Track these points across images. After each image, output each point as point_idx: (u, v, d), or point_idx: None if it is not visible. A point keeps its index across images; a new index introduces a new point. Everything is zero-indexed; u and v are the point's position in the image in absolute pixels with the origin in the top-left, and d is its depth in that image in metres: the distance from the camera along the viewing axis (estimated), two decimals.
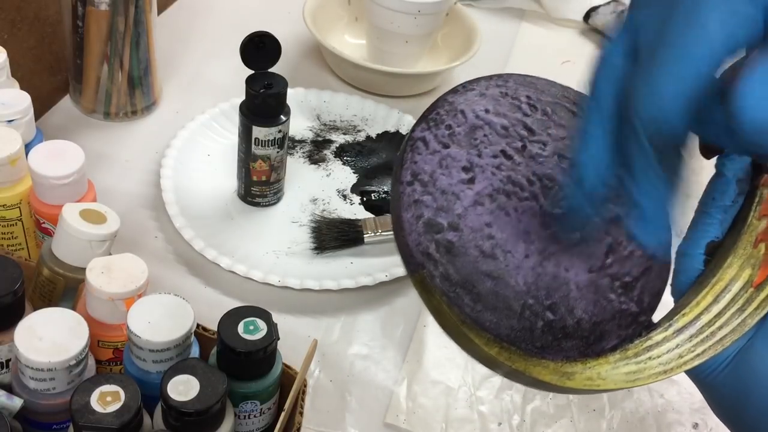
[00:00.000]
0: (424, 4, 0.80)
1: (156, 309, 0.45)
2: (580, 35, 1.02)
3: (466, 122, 0.39)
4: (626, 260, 0.39)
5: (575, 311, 0.37)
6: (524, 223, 0.37)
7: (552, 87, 0.41)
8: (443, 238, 0.36)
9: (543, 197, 0.38)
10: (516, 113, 0.39)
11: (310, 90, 0.81)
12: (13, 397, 0.42)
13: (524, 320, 0.37)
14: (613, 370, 0.39)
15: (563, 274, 0.37)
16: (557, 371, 0.38)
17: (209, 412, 0.41)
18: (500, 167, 0.38)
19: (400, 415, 0.57)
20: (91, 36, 0.69)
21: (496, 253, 0.36)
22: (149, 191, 0.69)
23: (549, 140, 0.39)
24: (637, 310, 0.39)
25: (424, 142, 0.38)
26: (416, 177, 0.37)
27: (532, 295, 0.37)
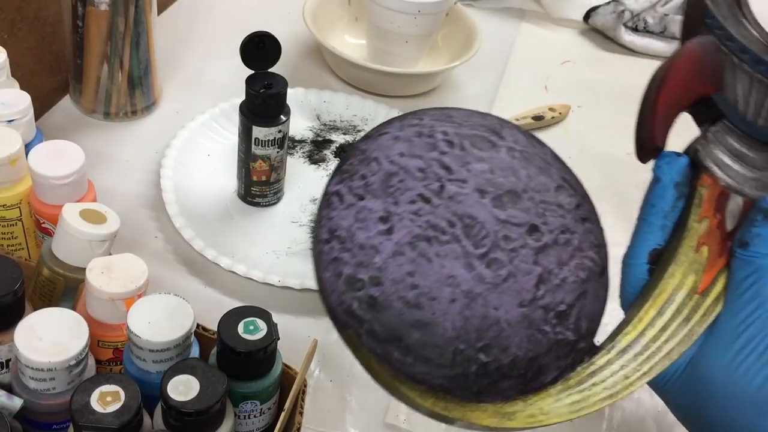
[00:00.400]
0: (424, 4, 0.80)
1: (156, 309, 0.45)
2: (580, 35, 1.02)
3: (380, 170, 0.37)
4: (558, 289, 0.37)
5: (509, 349, 0.36)
6: (448, 267, 0.36)
7: (471, 117, 0.40)
8: (365, 295, 0.35)
9: (465, 237, 0.36)
10: (432, 152, 0.38)
11: (310, 90, 0.81)
12: (13, 397, 0.42)
13: (457, 367, 0.36)
14: (556, 402, 0.38)
15: (493, 314, 0.36)
16: (497, 413, 0.37)
17: (209, 412, 0.41)
18: (418, 212, 0.36)
19: (400, 415, 0.57)
20: (91, 36, 0.69)
21: (421, 301, 0.35)
22: (149, 191, 0.69)
23: (468, 176, 0.37)
24: (574, 338, 0.38)
25: (338, 196, 0.37)
26: (333, 234, 0.36)
27: (462, 339, 0.35)
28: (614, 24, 0.98)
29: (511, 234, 0.37)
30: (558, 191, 0.39)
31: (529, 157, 0.39)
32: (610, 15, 0.99)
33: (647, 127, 0.41)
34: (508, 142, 0.39)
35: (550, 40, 1.01)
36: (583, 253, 0.38)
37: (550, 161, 0.40)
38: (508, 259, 0.36)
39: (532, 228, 0.37)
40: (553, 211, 0.38)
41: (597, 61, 0.98)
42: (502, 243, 0.36)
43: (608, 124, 0.84)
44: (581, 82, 0.92)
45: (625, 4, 0.99)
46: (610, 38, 1.00)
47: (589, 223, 0.39)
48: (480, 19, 0.90)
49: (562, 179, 0.40)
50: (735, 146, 0.41)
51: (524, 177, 0.38)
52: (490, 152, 0.38)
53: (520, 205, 0.37)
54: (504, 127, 0.40)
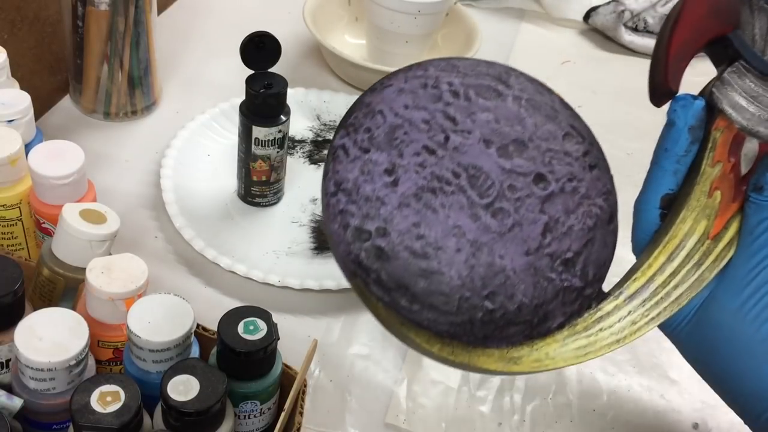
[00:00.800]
0: (424, 4, 0.80)
1: (156, 309, 0.45)
2: (580, 35, 1.02)
3: (385, 122, 0.38)
4: (565, 236, 0.38)
5: (515, 297, 0.37)
6: (453, 217, 0.36)
7: (477, 66, 0.40)
8: (372, 245, 0.36)
9: (470, 188, 0.37)
10: (437, 103, 0.38)
11: (310, 90, 0.81)
12: (13, 397, 0.42)
13: (462, 314, 0.36)
14: (562, 347, 0.39)
15: (498, 262, 0.36)
16: (503, 358, 0.38)
17: (209, 412, 0.41)
18: (423, 164, 0.37)
19: (400, 415, 0.57)
20: (91, 36, 0.69)
21: (427, 251, 0.36)
22: (149, 191, 0.69)
23: (473, 127, 0.38)
24: (581, 284, 0.38)
25: (344, 149, 0.37)
26: (339, 187, 0.37)
27: (467, 287, 0.36)
28: (614, 24, 0.98)
29: (516, 183, 0.37)
30: (565, 139, 0.39)
31: (537, 105, 0.39)
32: (610, 15, 0.99)
33: (661, 69, 0.41)
34: (515, 91, 0.39)
35: (550, 40, 1.01)
36: (591, 200, 0.39)
37: (557, 109, 0.40)
38: (513, 208, 0.37)
39: (538, 177, 0.38)
40: (559, 159, 0.38)
41: (597, 61, 0.98)
42: (507, 193, 0.37)
43: (608, 124, 0.84)
44: (581, 82, 0.92)
45: (625, 4, 0.99)
46: (610, 38, 1.00)
47: (597, 170, 0.39)
48: (480, 19, 0.90)
49: (569, 126, 0.40)
50: (751, 87, 0.40)
51: (530, 126, 0.39)
52: (495, 101, 0.39)
53: (525, 155, 0.38)
54: (511, 75, 0.40)
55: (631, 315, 0.40)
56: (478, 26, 0.88)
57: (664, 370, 0.62)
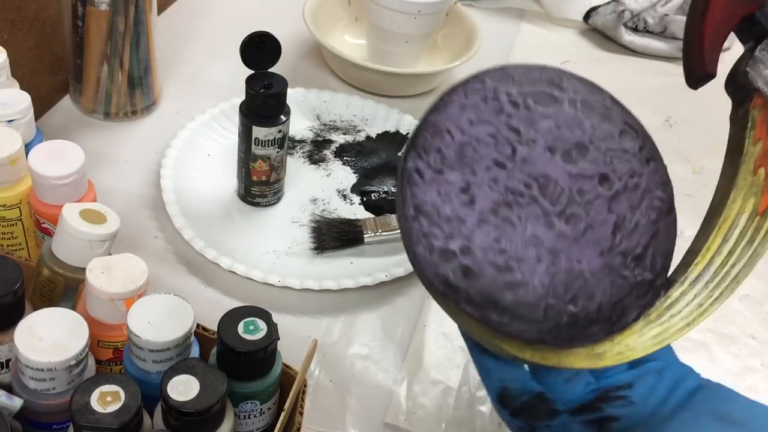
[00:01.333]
0: (424, 4, 0.80)
1: (156, 309, 0.45)
2: (580, 35, 1.02)
3: (453, 141, 0.39)
4: (633, 233, 0.40)
5: (595, 297, 0.38)
6: (530, 228, 0.38)
7: (530, 72, 0.41)
8: (458, 265, 0.37)
9: (542, 197, 0.39)
10: (500, 116, 0.40)
11: (310, 90, 0.81)
12: (13, 397, 0.42)
13: (549, 320, 0.38)
14: (640, 338, 0.40)
15: (577, 267, 0.38)
16: (588, 355, 0.40)
17: (209, 412, 0.41)
18: (496, 179, 0.38)
19: (400, 415, 0.57)
20: (91, 36, 0.69)
21: (511, 264, 0.37)
22: (149, 191, 0.69)
23: (537, 136, 0.39)
24: (652, 276, 0.40)
25: (418, 172, 0.38)
26: (419, 210, 0.38)
27: (551, 295, 0.38)
28: (614, 24, 0.98)
29: (584, 187, 0.39)
30: (621, 136, 0.41)
31: (591, 105, 0.41)
32: (610, 15, 0.99)
33: (697, 53, 0.42)
34: (569, 94, 0.41)
35: (550, 40, 1.01)
36: (652, 193, 0.40)
37: (610, 106, 0.42)
38: (584, 212, 0.39)
39: (603, 177, 0.40)
40: (619, 157, 0.40)
41: (597, 61, 0.98)
42: (577, 197, 0.39)
43: None
44: None
45: (625, 4, 0.99)
46: (610, 38, 1.00)
47: (653, 162, 0.41)
48: (480, 19, 0.90)
49: (624, 123, 0.41)
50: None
51: (589, 127, 0.40)
52: (553, 107, 0.40)
53: (588, 157, 0.40)
54: (563, 78, 0.41)
55: (697, 298, 0.41)
56: (478, 26, 0.88)
57: None
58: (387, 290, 0.65)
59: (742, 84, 0.42)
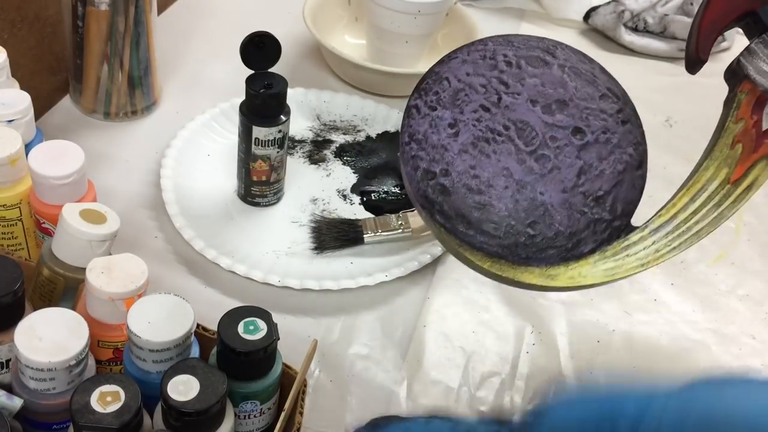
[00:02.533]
0: (424, 4, 0.80)
1: (156, 309, 0.45)
2: (580, 35, 1.02)
3: (450, 87, 0.47)
4: (597, 178, 0.46)
5: (552, 225, 0.45)
6: (502, 161, 0.45)
7: (529, 41, 0.48)
8: (437, 183, 0.45)
9: (518, 138, 0.46)
10: (493, 71, 0.47)
11: (310, 90, 0.81)
12: (13, 397, 0.42)
13: (509, 238, 0.45)
14: (593, 268, 0.46)
15: (539, 198, 0.45)
16: (542, 274, 0.45)
17: (209, 412, 0.41)
18: (480, 119, 0.46)
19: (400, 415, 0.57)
20: (91, 36, 0.69)
21: (481, 188, 0.45)
22: (149, 191, 0.69)
23: (522, 89, 0.46)
24: (610, 217, 0.46)
25: (416, 108, 0.46)
26: (412, 137, 0.46)
27: (513, 217, 0.45)
28: (614, 24, 0.98)
29: (557, 135, 0.46)
30: (602, 99, 0.47)
31: (578, 71, 0.47)
32: (610, 15, 0.99)
33: (693, 41, 0.47)
34: (560, 60, 0.48)
35: None
36: (622, 149, 0.46)
37: (597, 75, 0.48)
38: (554, 155, 0.45)
39: (576, 130, 0.46)
40: (596, 115, 0.46)
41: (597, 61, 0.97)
42: (549, 142, 0.46)
43: None
44: None
45: (625, 4, 0.99)
46: (610, 38, 1.00)
47: (629, 124, 0.47)
48: (480, 19, 0.90)
49: (606, 89, 0.47)
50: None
51: (572, 88, 0.47)
52: (543, 69, 0.47)
53: (566, 112, 0.46)
54: (558, 48, 0.48)
55: (655, 244, 0.46)
56: (478, 26, 0.88)
57: (664, 370, 0.62)
58: (387, 290, 0.65)
59: (735, 71, 0.47)
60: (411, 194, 0.46)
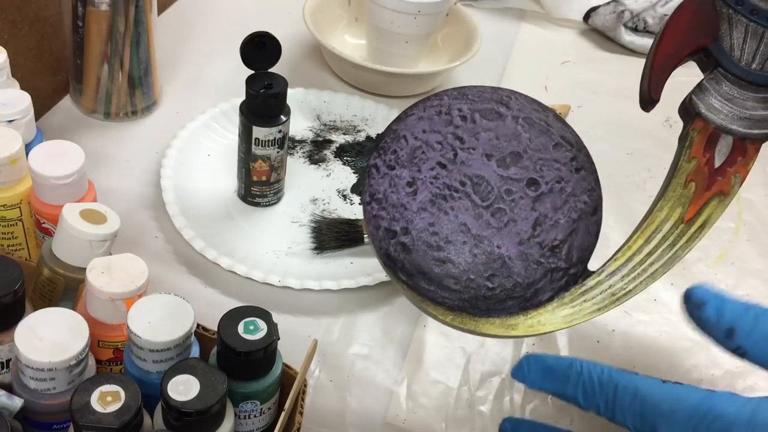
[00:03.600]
0: (424, 5, 0.80)
1: (156, 309, 0.45)
2: (580, 35, 1.02)
3: (407, 145, 0.47)
4: (552, 228, 0.46)
5: (511, 277, 0.46)
6: (460, 217, 0.46)
7: (483, 93, 0.49)
8: (398, 241, 0.46)
9: (474, 193, 0.46)
10: (448, 127, 0.47)
11: (310, 90, 0.81)
12: (14, 397, 0.42)
13: (469, 291, 0.46)
14: (552, 315, 0.46)
15: (497, 251, 0.46)
16: (503, 325, 0.46)
17: (209, 412, 0.41)
18: (437, 176, 0.47)
19: (400, 415, 0.57)
20: (92, 36, 0.69)
21: (441, 245, 0.46)
22: (149, 191, 0.69)
23: (477, 144, 0.47)
24: (566, 265, 0.46)
25: (376, 168, 0.47)
26: (373, 197, 0.46)
27: (472, 271, 0.46)
28: (614, 24, 0.98)
29: (512, 188, 0.46)
30: (555, 148, 0.47)
31: (532, 122, 0.48)
32: (610, 15, 0.99)
33: (645, 80, 0.47)
34: (514, 111, 0.48)
35: (550, 40, 1.01)
36: (576, 197, 0.47)
37: (550, 123, 0.48)
38: (509, 208, 0.46)
39: (531, 181, 0.47)
40: (549, 165, 0.47)
41: (597, 61, 0.98)
42: (504, 195, 0.46)
43: (608, 124, 0.84)
44: (581, 82, 0.92)
45: (625, 4, 0.99)
46: (610, 38, 1.00)
47: (583, 171, 0.47)
48: (480, 19, 0.90)
49: (560, 137, 0.48)
50: (727, 91, 0.47)
51: (525, 140, 0.47)
52: (496, 122, 0.48)
53: (520, 164, 0.47)
54: (512, 98, 0.49)
55: (611, 288, 0.47)
56: (478, 26, 0.88)
57: (664, 371, 0.62)
58: (387, 290, 0.65)
59: (687, 108, 0.48)
60: (375, 252, 0.46)
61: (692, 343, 0.65)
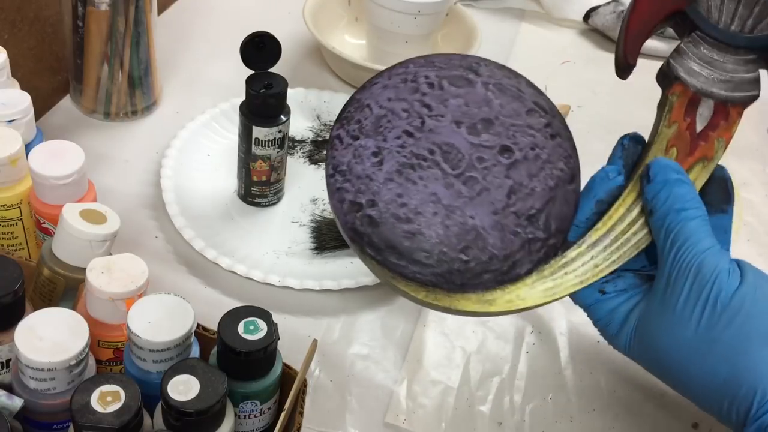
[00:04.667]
0: (424, 4, 0.80)
1: (156, 309, 0.45)
2: (580, 35, 1.02)
3: (372, 114, 0.45)
4: (528, 197, 0.44)
5: (486, 249, 0.43)
6: (430, 187, 0.43)
7: (451, 60, 0.46)
8: (364, 214, 0.43)
9: (444, 162, 0.44)
10: (415, 95, 0.45)
11: (310, 90, 0.81)
12: (14, 397, 0.42)
13: (442, 265, 0.43)
14: (531, 290, 0.44)
15: (470, 222, 0.43)
16: (479, 300, 0.44)
17: (209, 412, 0.41)
18: (404, 145, 0.44)
19: (400, 415, 0.57)
20: (92, 36, 0.69)
21: (410, 216, 0.43)
22: (149, 191, 0.69)
23: (446, 111, 0.45)
24: (544, 236, 0.44)
25: (339, 139, 0.45)
26: (336, 169, 0.44)
27: (445, 244, 0.43)
28: (614, 24, 0.98)
29: (484, 155, 0.44)
30: (529, 114, 0.45)
31: (503, 88, 0.46)
32: (610, 15, 0.99)
33: (621, 46, 0.46)
34: (484, 78, 0.46)
35: (550, 40, 1.01)
36: (553, 164, 0.45)
37: (523, 90, 0.46)
38: (481, 176, 0.44)
39: (504, 148, 0.44)
40: (523, 131, 0.45)
41: (597, 61, 0.98)
42: (476, 163, 0.44)
43: (608, 124, 0.84)
44: (581, 82, 0.92)
45: (624, 4, 0.99)
46: (610, 38, 1.00)
47: (559, 138, 0.45)
48: (480, 19, 0.90)
49: (533, 103, 0.46)
50: (705, 54, 0.45)
51: (497, 106, 0.45)
52: (466, 88, 0.45)
53: (492, 130, 0.45)
54: (481, 65, 0.46)
55: (593, 260, 0.45)
56: (478, 26, 0.88)
57: None
58: (387, 290, 0.65)
59: (665, 73, 0.46)
60: (340, 227, 0.44)
61: None
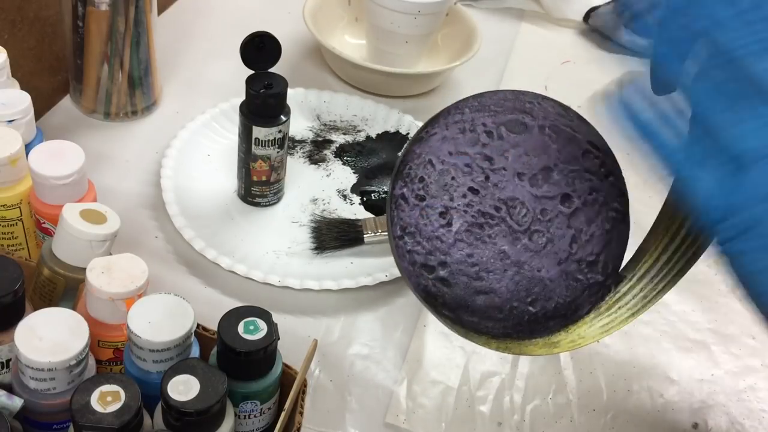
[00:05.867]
0: (424, 5, 0.80)
1: (156, 309, 0.45)
2: (580, 35, 1.02)
3: (434, 170, 0.45)
4: (588, 243, 0.46)
5: (552, 299, 0.45)
6: (498, 244, 0.45)
7: (505, 101, 0.46)
8: (437, 276, 0.45)
9: (510, 218, 0.45)
10: (475, 146, 0.46)
11: (310, 90, 0.81)
12: (14, 397, 0.42)
13: (513, 318, 0.45)
14: (590, 327, 0.46)
15: (537, 275, 0.45)
16: (546, 344, 0.46)
17: (209, 412, 0.41)
18: (470, 204, 0.45)
19: (400, 415, 0.57)
20: (92, 36, 0.69)
21: (481, 275, 0.45)
22: (149, 191, 0.69)
23: (507, 163, 0.46)
24: (603, 278, 0.46)
25: (404, 198, 0.45)
26: (405, 231, 0.45)
27: (515, 298, 0.45)
28: (614, 24, 0.98)
29: (546, 207, 0.46)
30: (584, 157, 0.46)
31: (558, 130, 0.46)
32: (610, 15, 0.99)
33: None
34: (539, 120, 0.46)
35: (550, 40, 1.01)
36: (608, 206, 0.46)
37: (576, 128, 0.46)
38: (545, 228, 0.45)
39: (564, 197, 0.46)
40: (581, 177, 0.46)
41: (597, 61, 0.98)
42: (540, 216, 0.45)
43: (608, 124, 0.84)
44: (581, 82, 0.92)
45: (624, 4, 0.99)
46: (610, 38, 1.00)
47: (612, 176, 0.47)
48: (480, 19, 0.90)
49: (587, 143, 0.46)
50: None
51: (554, 152, 0.46)
52: (524, 135, 0.46)
53: (552, 180, 0.46)
54: (534, 105, 0.47)
55: (642, 291, 0.46)
56: (478, 26, 0.88)
57: (664, 370, 0.62)
58: (387, 290, 0.65)
59: None
60: (411, 288, 0.45)
61: (692, 343, 0.65)
